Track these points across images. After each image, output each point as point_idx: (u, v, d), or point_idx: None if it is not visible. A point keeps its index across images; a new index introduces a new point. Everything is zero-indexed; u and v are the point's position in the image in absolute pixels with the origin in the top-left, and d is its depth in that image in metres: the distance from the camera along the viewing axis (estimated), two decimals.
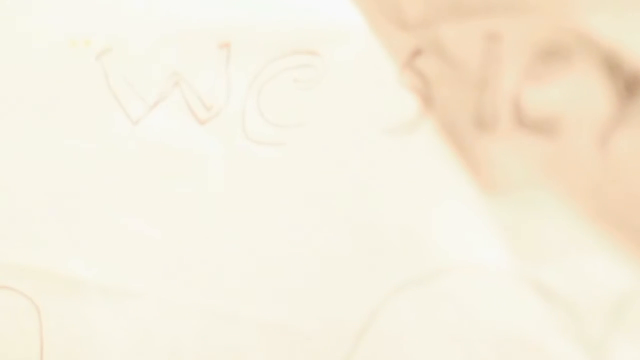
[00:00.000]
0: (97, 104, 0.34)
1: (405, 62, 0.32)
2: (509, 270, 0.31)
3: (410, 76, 0.32)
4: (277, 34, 0.33)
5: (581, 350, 0.29)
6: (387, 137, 0.32)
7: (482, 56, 0.31)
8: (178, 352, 0.34)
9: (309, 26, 0.33)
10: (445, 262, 0.31)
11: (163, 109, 0.34)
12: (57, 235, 0.34)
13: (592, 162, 0.30)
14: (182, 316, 0.34)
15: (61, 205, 0.35)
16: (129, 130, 0.34)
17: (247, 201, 0.33)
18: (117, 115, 0.34)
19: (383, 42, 0.32)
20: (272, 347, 0.33)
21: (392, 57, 0.32)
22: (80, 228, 0.34)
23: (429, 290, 0.31)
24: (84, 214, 0.34)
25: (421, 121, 0.32)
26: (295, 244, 0.33)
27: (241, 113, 0.33)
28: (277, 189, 0.33)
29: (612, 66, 0.29)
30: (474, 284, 0.31)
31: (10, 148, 0.35)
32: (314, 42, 0.33)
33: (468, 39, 0.31)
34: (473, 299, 0.31)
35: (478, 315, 0.31)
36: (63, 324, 0.35)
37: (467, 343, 0.31)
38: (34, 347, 0.35)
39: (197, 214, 0.34)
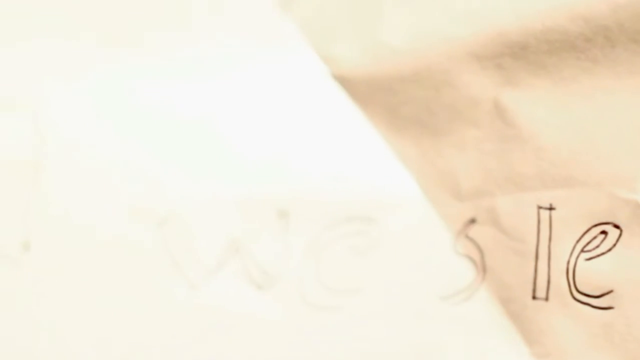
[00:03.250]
0: (157, 270, 0.34)
1: (460, 231, 0.33)
2: None
3: (465, 245, 0.33)
4: (333, 202, 0.34)
5: None
6: (442, 304, 0.33)
7: (537, 227, 0.31)
8: None
9: (364, 195, 0.33)
10: None
11: (223, 275, 0.34)
12: None
13: None
14: None
15: None
16: (189, 296, 0.34)
17: None
18: (177, 281, 0.34)
19: (438, 210, 0.33)
20: None
21: (447, 226, 0.33)
22: None
23: None
24: None
25: (476, 289, 0.32)
26: None
27: (299, 279, 0.34)
28: (333, 353, 0.34)
29: None
30: None
31: (68, 312, 0.35)
32: (370, 210, 0.33)
33: (522, 210, 0.32)
34: None
35: None
36: None
37: None
38: None
39: None
